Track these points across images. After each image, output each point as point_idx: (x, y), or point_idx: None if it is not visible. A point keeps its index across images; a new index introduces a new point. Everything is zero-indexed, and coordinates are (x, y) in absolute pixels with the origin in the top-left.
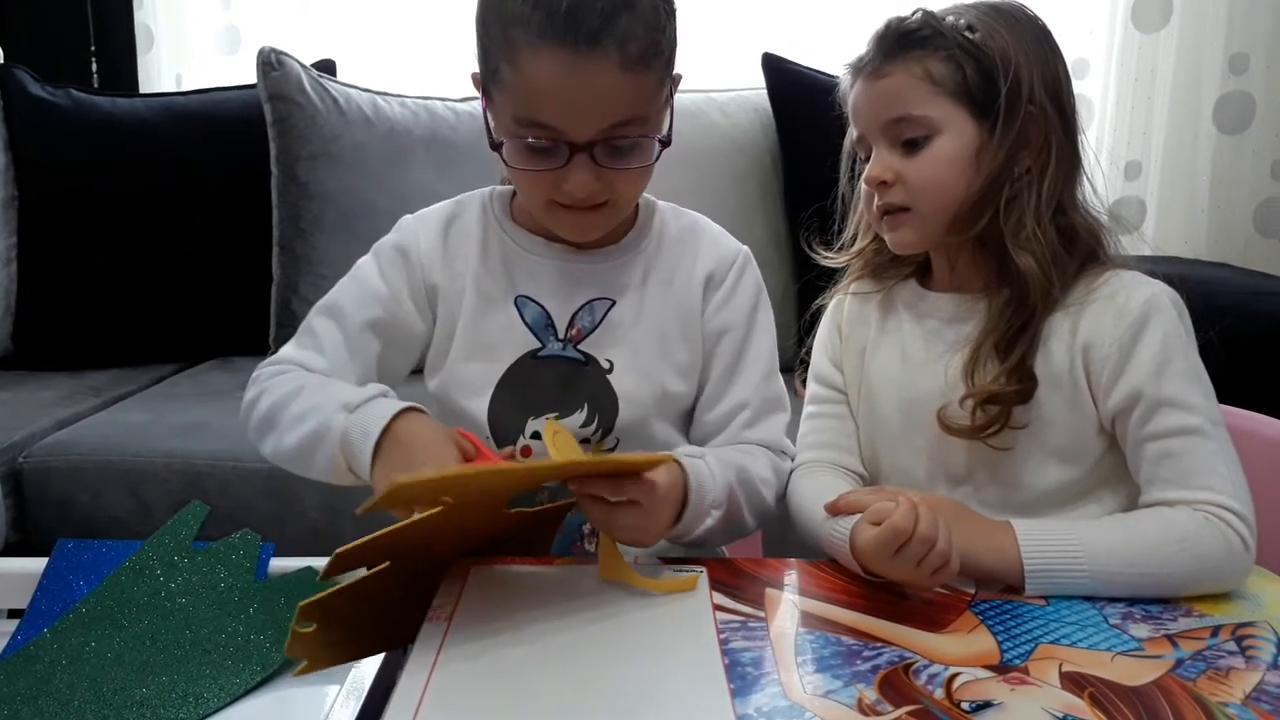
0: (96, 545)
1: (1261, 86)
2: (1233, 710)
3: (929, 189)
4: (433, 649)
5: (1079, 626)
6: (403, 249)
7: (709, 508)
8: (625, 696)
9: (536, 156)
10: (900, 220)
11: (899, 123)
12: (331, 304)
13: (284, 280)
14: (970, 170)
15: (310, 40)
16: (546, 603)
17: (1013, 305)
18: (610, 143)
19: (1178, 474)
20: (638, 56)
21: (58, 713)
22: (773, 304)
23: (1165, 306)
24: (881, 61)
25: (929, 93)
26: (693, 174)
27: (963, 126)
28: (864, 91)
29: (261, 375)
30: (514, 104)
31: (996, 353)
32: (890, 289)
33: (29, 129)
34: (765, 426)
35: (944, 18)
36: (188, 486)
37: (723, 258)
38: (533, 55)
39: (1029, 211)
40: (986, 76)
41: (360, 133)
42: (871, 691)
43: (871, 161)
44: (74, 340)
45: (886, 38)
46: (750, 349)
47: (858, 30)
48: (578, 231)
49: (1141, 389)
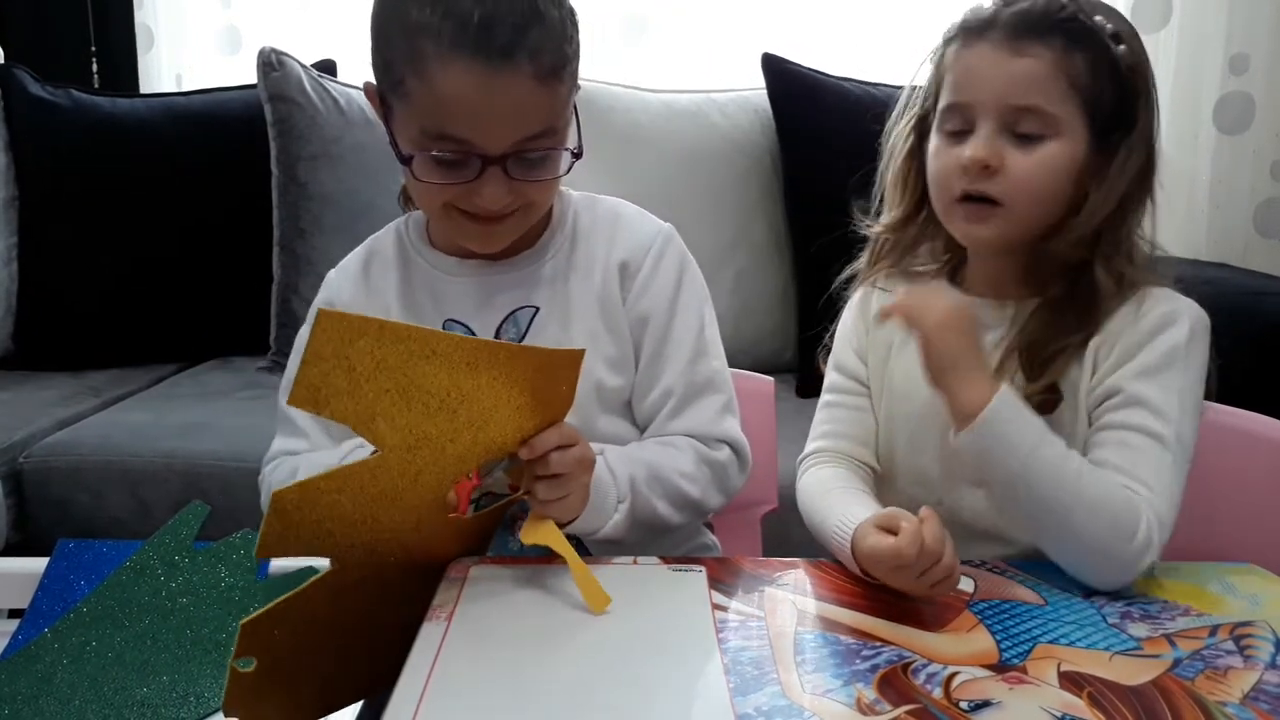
0: (97, 545)
1: (1261, 87)
2: (1231, 709)
3: (1030, 188)
4: (433, 648)
5: (1077, 626)
6: (328, 304)
7: (615, 502)
8: (625, 695)
9: (447, 170)
10: (987, 214)
11: (1024, 111)
12: (288, 384)
13: (284, 280)
14: (1070, 183)
15: (311, 40)
16: (545, 603)
17: (1053, 317)
18: (522, 155)
19: (1125, 463)
20: (550, 69)
21: (59, 712)
22: (772, 304)
23: (1182, 321)
24: (1022, 35)
25: (1065, 91)
26: (693, 174)
27: (1078, 137)
28: (992, 60)
29: (263, 477)
30: (421, 116)
31: (1025, 363)
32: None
33: (29, 129)
34: (692, 414)
35: (1093, 14)
36: (188, 486)
37: (638, 244)
38: (443, 67)
39: (1120, 235)
40: (1120, 97)
41: (360, 133)
42: (870, 691)
43: (978, 141)
44: (74, 340)
45: (1030, 13)
46: (673, 334)
47: (858, 30)
48: (485, 242)
49: (1126, 385)
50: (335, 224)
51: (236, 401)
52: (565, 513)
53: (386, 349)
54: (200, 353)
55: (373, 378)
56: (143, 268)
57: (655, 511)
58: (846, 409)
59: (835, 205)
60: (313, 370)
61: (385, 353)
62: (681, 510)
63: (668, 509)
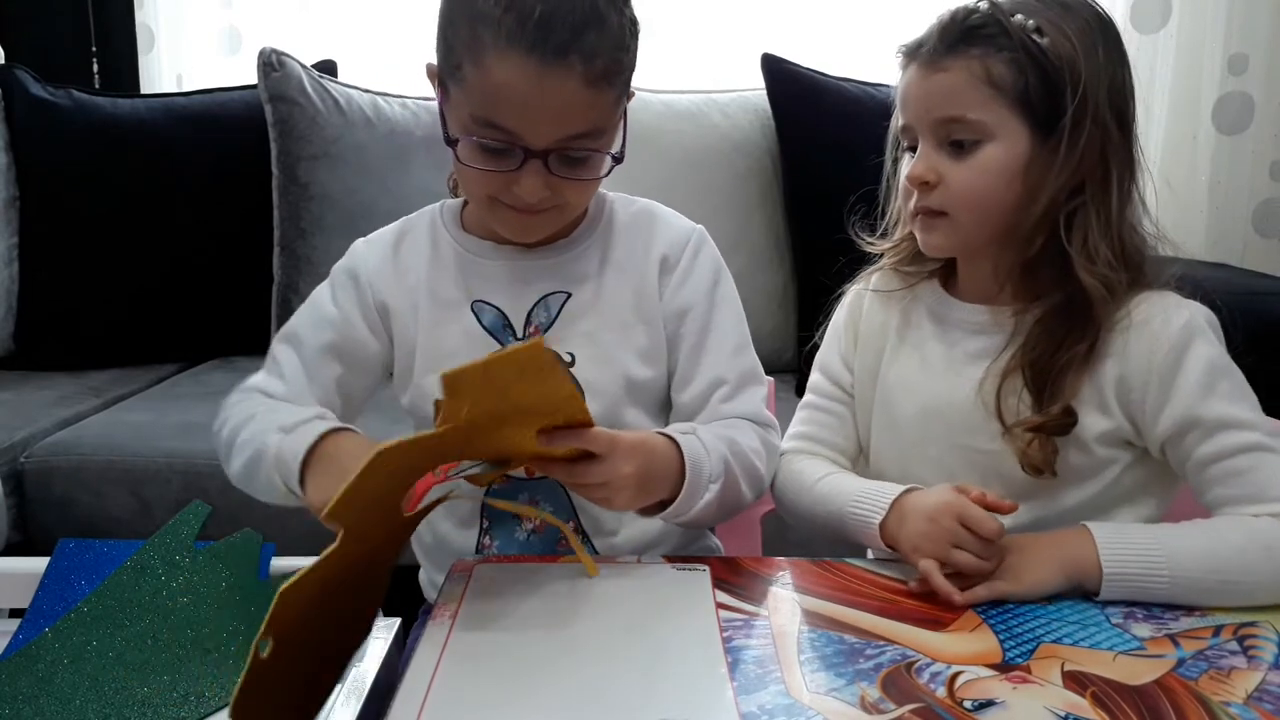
0: (98, 545)
1: (1261, 87)
2: (1234, 710)
3: (971, 197)
4: (437, 647)
5: (1081, 625)
6: (352, 272)
7: (706, 482)
8: (629, 695)
9: (490, 157)
10: (935, 223)
11: (950, 123)
12: (290, 331)
13: (285, 280)
14: (1016, 182)
15: (311, 41)
16: (550, 601)
17: (1055, 328)
18: (565, 153)
19: (1251, 489)
20: (602, 73)
21: (59, 712)
22: (772, 304)
23: (1203, 328)
24: (942, 53)
25: (986, 96)
26: (693, 174)
27: (1016, 135)
28: (918, 81)
29: (227, 403)
30: (473, 103)
31: (1031, 382)
32: (913, 289)
33: (30, 129)
34: (744, 399)
35: (1012, 13)
36: (189, 486)
37: (676, 239)
38: (499, 58)
39: (1094, 230)
40: (1050, 88)
41: (361, 133)
42: (874, 690)
43: (915, 158)
44: (75, 340)
45: (949, 28)
46: (715, 325)
47: (858, 31)
48: (520, 232)
49: (1194, 414)
50: (336, 224)
51: None
52: (623, 503)
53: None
54: (201, 353)
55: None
56: (144, 268)
57: (739, 489)
58: (826, 414)
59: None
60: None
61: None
62: (753, 489)
63: (747, 487)
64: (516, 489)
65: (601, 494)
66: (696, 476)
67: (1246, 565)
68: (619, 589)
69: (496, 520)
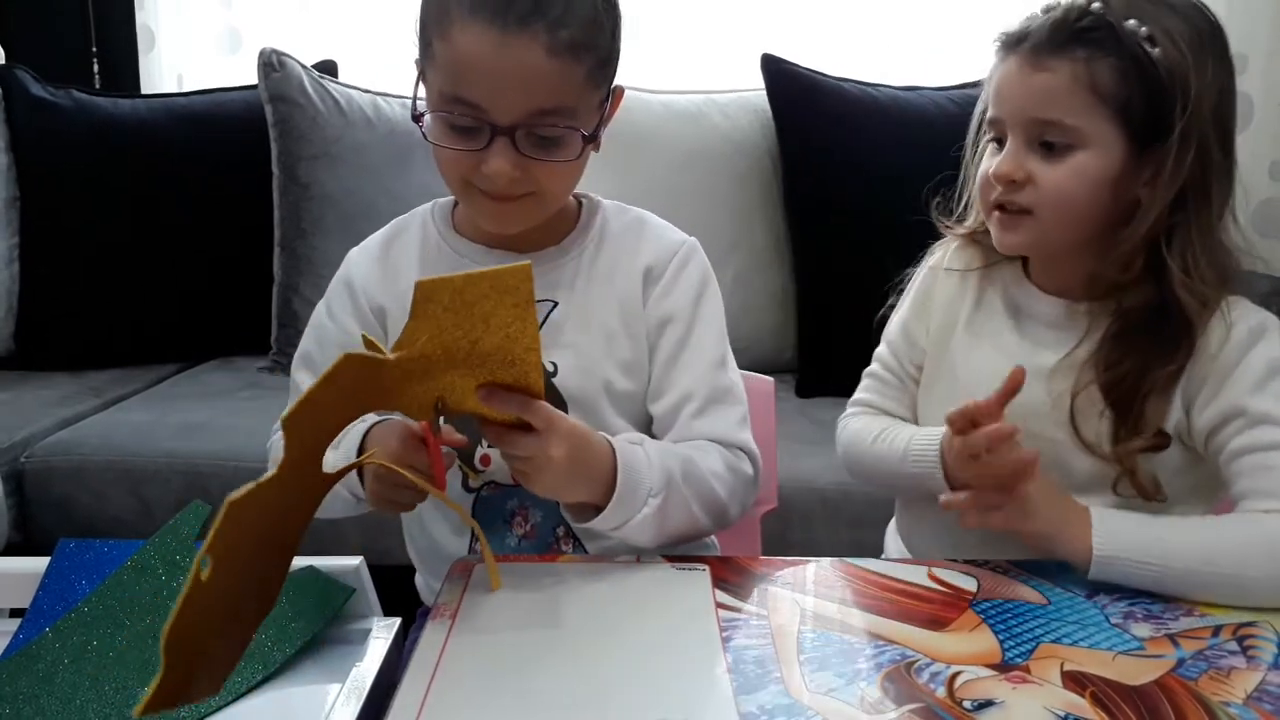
0: (98, 545)
1: (1260, 87)
2: (1234, 710)
3: (1060, 201)
4: (437, 647)
5: (1080, 626)
6: (346, 281)
7: (645, 495)
8: (628, 694)
9: (458, 135)
10: (1017, 222)
11: (1045, 124)
12: (302, 354)
13: (285, 280)
14: (1106, 192)
15: (311, 41)
16: (550, 601)
17: (1141, 344)
18: (533, 130)
19: (1274, 485)
20: (567, 44)
21: (60, 711)
22: (772, 304)
23: (1272, 332)
24: (1047, 52)
25: (1087, 102)
26: (693, 175)
27: (1111, 145)
28: (1017, 76)
29: (270, 446)
30: (441, 79)
31: (1115, 404)
32: (991, 269)
33: (31, 129)
34: (716, 418)
35: (1126, 18)
36: (189, 486)
37: (663, 250)
38: (463, 30)
39: (1195, 245)
40: (1155, 102)
41: (361, 133)
42: (874, 689)
43: (1005, 155)
44: (76, 340)
45: (1060, 26)
46: (694, 338)
47: (857, 31)
48: (497, 221)
49: (1241, 405)
50: (336, 224)
51: (237, 401)
52: (544, 486)
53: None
54: (201, 353)
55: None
56: (144, 268)
57: (689, 511)
58: (888, 385)
59: (835, 205)
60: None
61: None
62: (709, 515)
63: (700, 511)
64: (506, 494)
65: (525, 469)
66: (631, 487)
67: (1245, 559)
68: (619, 589)
69: (488, 528)
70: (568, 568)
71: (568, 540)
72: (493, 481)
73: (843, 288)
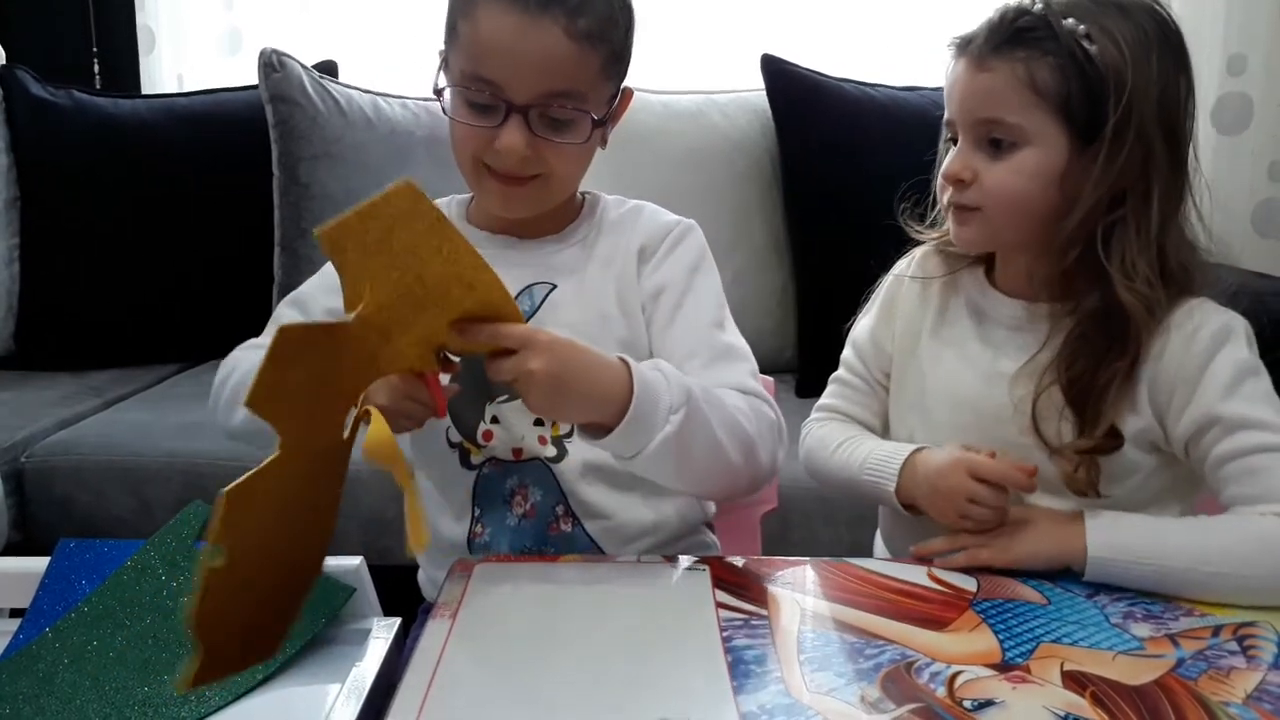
0: (98, 544)
1: (1260, 87)
2: (1234, 710)
3: (1004, 197)
4: (437, 647)
5: (1080, 625)
6: None
7: (666, 412)
8: (628, 694)
9: (474, 112)
10: (968, 218)
11: (989, 123)
12: (297, 295)
13: (285, 281)
14: (1052, 188)
15: (312, 41)
16: (550, 601)
17: (1095, 341)
18: (546, 111)
19: (1265, 489)
20: (585, 31)
21: (60, 712)
22: (772, 304)
23: (1237, 333)
24: (987, 52)
25: (1027, 100)
26: (693, 174)
27: (1054, 141)
28: (963, 79)
29: (230, 359)
30: (464, 59)
31: (1073, 401)
32: (955, 275)
33: (31, 130)
34: (724, 370)
35: (1064, 17)
36: (189, 486)
37: (657, 229)
38: (487, 11)
39: (1133, 245)
40: (1092, 98)
41: (361, 134)
42: (874, 689)
43: (954, 155)
44: (76, 340)
45: (998, 28)
46: (689, 303)
47: (857, 31)
48: (505, 204)
49: (1215, 413)
50: None
51: None
52: (534, 403)
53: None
54: (201, 353)
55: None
56: (144, 268)
57: (714, 438)
58: (854, 390)
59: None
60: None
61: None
62: (736, 445)
63: (726, 438)
64: (506, 472)
65: (518, 391)
66: (649, 401)
67: (1242, 558)
68: (619, 588)
69: (487, 508)
70: (568, 568)
71: (567, 519)
72: (494, 458)
73: (843, 287)
